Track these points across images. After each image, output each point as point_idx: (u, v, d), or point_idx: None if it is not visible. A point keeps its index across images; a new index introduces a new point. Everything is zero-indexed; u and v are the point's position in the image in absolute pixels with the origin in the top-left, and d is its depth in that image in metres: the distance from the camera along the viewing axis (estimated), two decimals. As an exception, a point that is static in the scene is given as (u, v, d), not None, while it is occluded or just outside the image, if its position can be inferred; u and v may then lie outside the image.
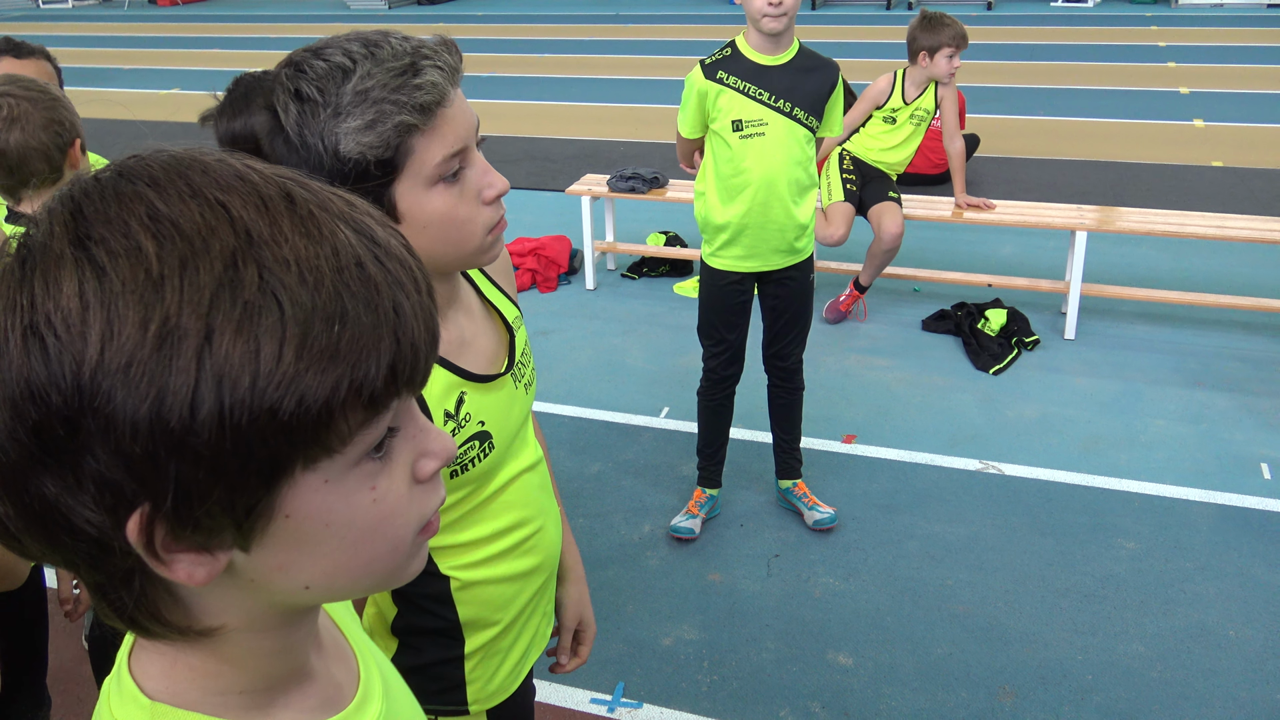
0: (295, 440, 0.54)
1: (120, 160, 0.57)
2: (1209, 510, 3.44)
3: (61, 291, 0.51)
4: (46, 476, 0.52)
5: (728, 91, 3.00)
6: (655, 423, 4.13)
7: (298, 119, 1.11)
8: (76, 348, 0.50)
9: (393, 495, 0.61)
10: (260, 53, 13.60)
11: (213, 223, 0.53)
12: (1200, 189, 6.55)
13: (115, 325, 0.50)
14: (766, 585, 3.17)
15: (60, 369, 0.50)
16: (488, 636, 1.42)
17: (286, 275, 0.53)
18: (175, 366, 0.50)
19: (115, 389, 0.50)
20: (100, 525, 0.53)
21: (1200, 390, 4.22)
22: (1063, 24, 13.15)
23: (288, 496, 0.56)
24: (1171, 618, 2.96)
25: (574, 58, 12.15)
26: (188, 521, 0.54)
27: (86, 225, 0.53)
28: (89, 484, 0.52)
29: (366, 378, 0.55)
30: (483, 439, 1.32)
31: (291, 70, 1.12)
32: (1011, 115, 8.51)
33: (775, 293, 3.22)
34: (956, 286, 5.12)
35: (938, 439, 3.93)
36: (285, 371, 0.52)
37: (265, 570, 0.59)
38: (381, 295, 0.56)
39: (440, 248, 1.20)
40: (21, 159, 1.98)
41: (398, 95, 1.09)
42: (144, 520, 0.53)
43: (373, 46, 1.10)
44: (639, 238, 5.85)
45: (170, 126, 9.07)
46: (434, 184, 1.16)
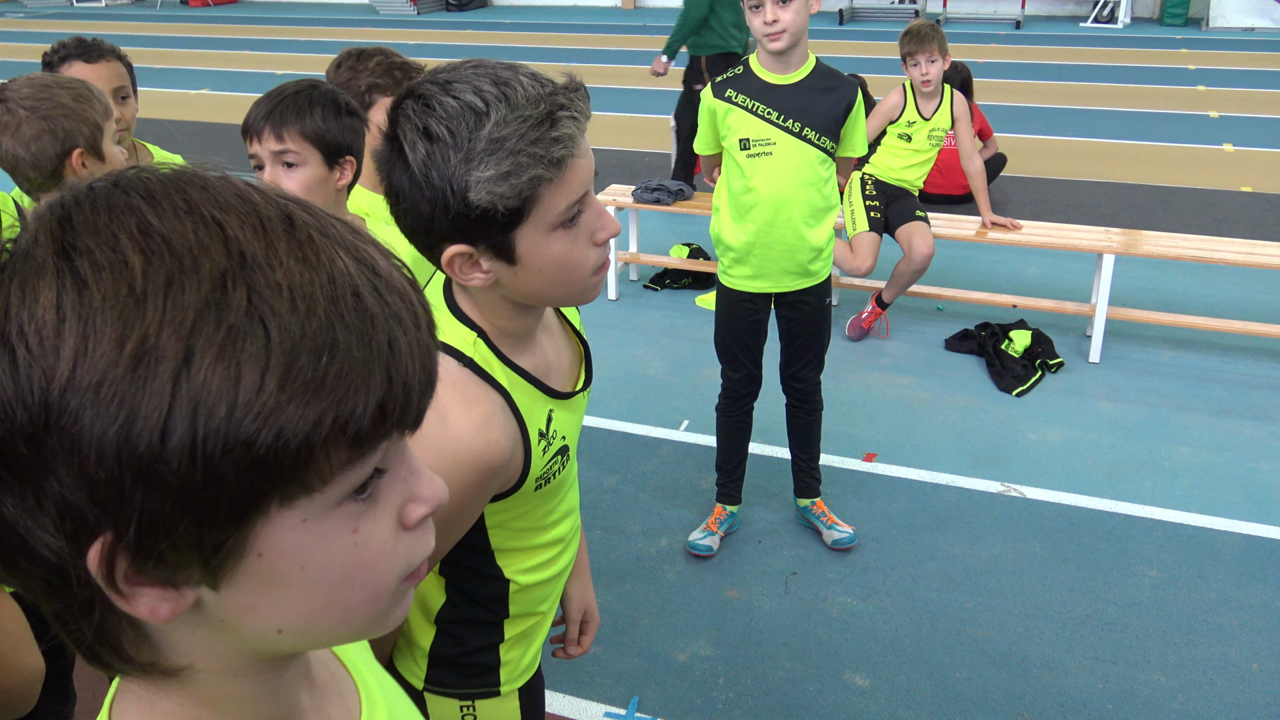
0: (271, 476, 0.51)
1: (119, 171, 0.55)
2: (1234, 540, 3.40)
3: (38, 302, 0.49)
4: (6, 495, 0.49)
5: (736, 110, 2.99)
6: (675, 436, 4.12)
7: (425, 159, 1.09)
8: (47, 362, 0.48)
9: (375, 540, 0.57)
10: (289, 55, 13.69)
11: (205, 241, 0.51)
12: (1229, 214, 6.50)
13: (90, 341, 0.48)
14: (783, 603, 3.15)
15: (29, 384, 0.48)
16: (525, 626, 1.48)
17: (277, 301, 0.50)
18: (149, 389, 0.48)
19: (84, 408, 0.47)
20: (60, 551, 0.50)
21: (1227, 418, 4.17)
22: (1092, 44, 13.09)
23: (261, 534, 0.53)
24: (1194, 649, 2.92)
25: (601, 67, 12.18)
26: (151, 554, 0.50)
27: (74, 235, 0.50)
28: (50, 507, 0.49)
29: (353, 415, 0.52)
30: (564, 453, 1.37)
31: (419, 105, 1.10)
32: (1039, 135, 8.48)
33: (790, 315, 3.20)
34: (981, 306, 5.09)
35: (959, 460, 3.91)
36: (265, 402, 0.49)
37: (234, 611, 0.56)
38: (376, 328, 0.53)
39: (549, 289, 1.22)
40: (12, 165, 1.97)
41: (534, 149, 1.08)
42: (105, 550, 0.50)
43: (504, 87, 1.08)
44: (662, 249, 5.85)
45: (198, 126, 9.15)
46: (554, 229, 1.16)
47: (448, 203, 1.10)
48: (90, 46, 2.64)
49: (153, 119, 9.18)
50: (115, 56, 2.69)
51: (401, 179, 1.12)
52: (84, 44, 2.64)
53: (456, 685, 1.45)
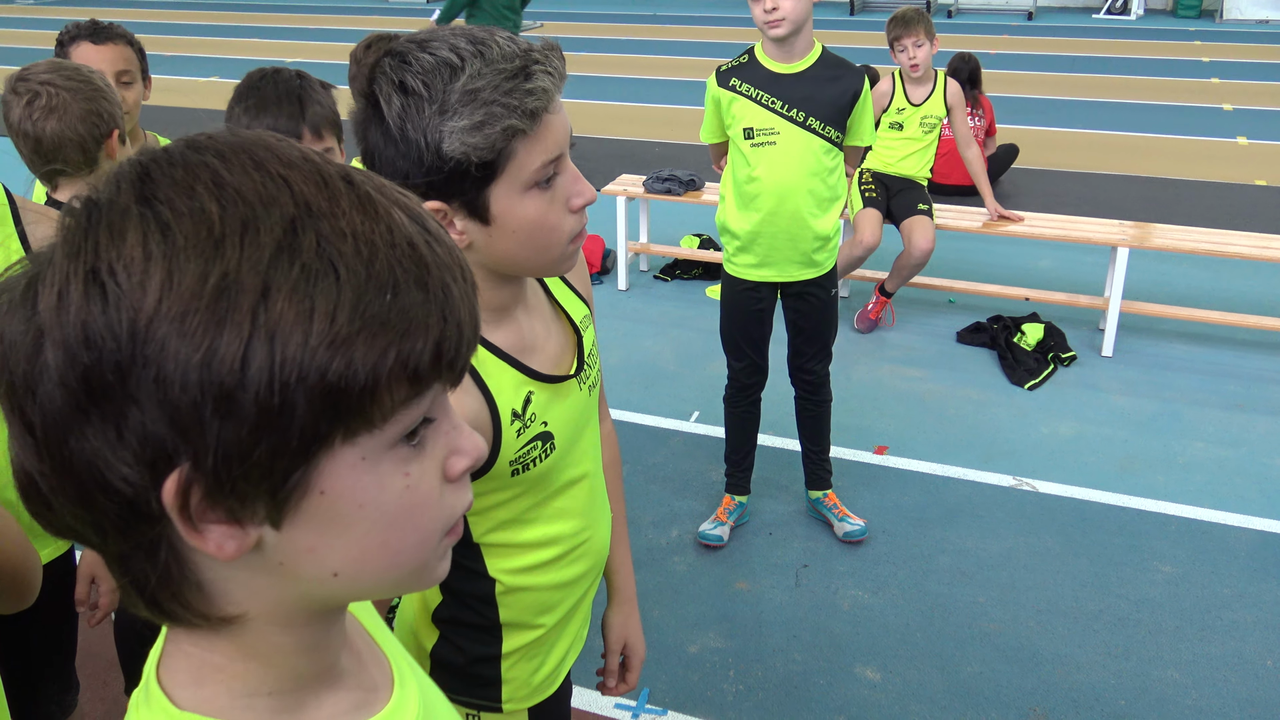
0: (339, 407, 0.54)
1: (189, 135, 0.59)
2: (1248, 536, 3.38)
3: (125, 242, 0.52)
4: (89, 427, 0.52)
5: (740, 99, 2.97)
6: (685, 427, 4.11)
7: (400, 111, 1.09)
8: (135, 296, 0.51)
9: (424, 485, 0.61)
10: (298, 43, 13.68)
11: (274, 192, 0.54)
12: (1242, 208, 6.46)
13: (175, 277, 0.51)
14: (794, 595, 3.14)
15: (118, 315, 0.51)
16: (527, 639, 1.41)
17: (343, 245, 0.54)
18: (230, 320, 0.51)
19: (170, 338, 0.51)
20: (136, 484, 0.53)
21: (1241, 413, 4.15)
22: (1105, 36, 13.02)
23: (325, 470, 0.56)
24: (1208, 644, 2.91)
25: (611, 57, 12.15)
26: (225, 484, 0.53)
27: (153, 186, 0.54)
28: (131, 437, 0.52)
29: (414, 351, 0.55)
30: (545, 440, 1.31)
31: (395, 61, 1.10)
32: (1051, 128, 8.43)
33: (795, 306, 3.18)
34: (993, 299, 5.07)
35: (971, 453, 3.89)
36: (338, 333, 0.53)
37: (294, 552, 0.58)
38: (432, 275, 0.57)
39: (524, 252, 1.19)
40: (56, 147, 1.98)
41: (508, 99, 1.08)
42: (181, 480, 0.53)
43: (480, 44, 1.09)
44: (673, 240, 5.83)
45: (206, 114, 9.13)
46: (529, 189, 1.15)
47: (422, 156, 1.09)
48: (99, 28, 2.64)
49: (161, 106, 9.17)
50: (125, 40, 2.68)
51: (377, 136, 1.12)
52: (94, 25, 2.65)
53: (459, 693, 1.41)
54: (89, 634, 2.24)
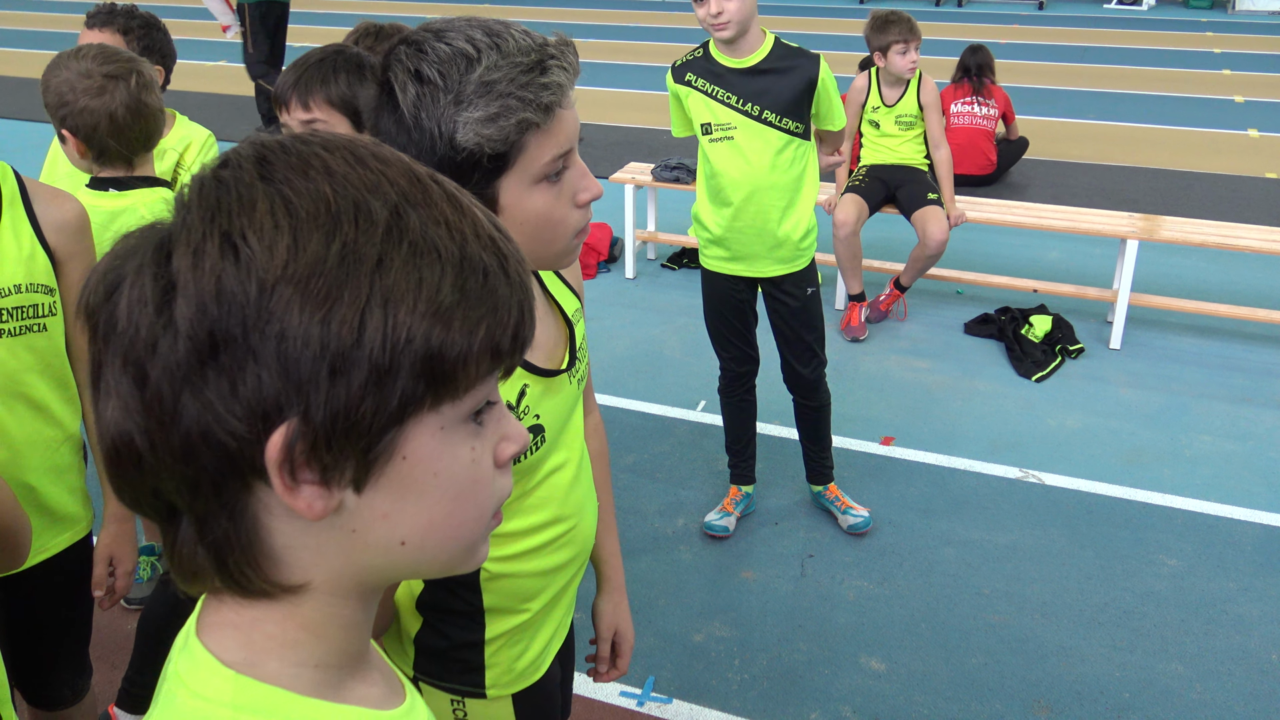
0: (435, 373, 0.59)
1: (293, 133, 0.66)
2: (1254, 530, 3.38)
3: (256, 211, 0.57)
4: (206, 380, 0.56)
5: (695, 94, 2.97)
6: (691, 416, 4.11)
7: (415, 100, 1.10)
8: (265, 259, 0.55)
9: (485, 462, 0.65)
10: (307, 28, 13.65)
11: (376, 181, 0.60)
12: (1253, 200, 6.44)
13: (301, 243, 0.56)
14: (800, 585, 3.14)
15: (249, 275, 0.55)
16: (510, 624, 1.42)
17: (439, 231, 0.59)
18: (350, 284, 0.56)
19: (294, 299, 0.55)
20: (243, 437, 0.56)
21: (1248, 406, 4.14)
22: (1116, 27, 12.96)
23: (411, 435, 0.60)
24: (1213, 638, 2.91)
25: (620, 44, 12.12)
26: (328, 440, 0.57)
27: (271, 168, 0.59)
28: (246, 390, 0.56)
29: (500, 329, 0.61)
30: (536, 432, 1.32)
31: (411, 50, 1.11)
32: (1061, 118, 8.40)
33: (773, 307, 3.17)
34: (1001, 290, 5.06)
35: (977, 445, 3.89)
36: (442, 304, 0.58)
37: (370, 517, 0.62)
38: (511, 265, 0.63)
39: (529, 244, 1.20)
40: (156, 121, 2.07)
41: (524, 92, 1.09)
42: (290, 434, 0.57)
43: (496, 37, 1.10)
44: (680, 228, 5.82)
45: (214, 99, 9.14)
46: (538, 182, 1.16)
47: (435, 144, 1.10)
48: (94, 13, 2.73)
49: (171, 90, 9.18)
50: (114, 28, 2.78)
51: (389, 123, 1.13)
52: (93, 10, 2.72)
53: (443, 678, 1.42)
54: (100, 619, 2.25)
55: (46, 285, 1.75)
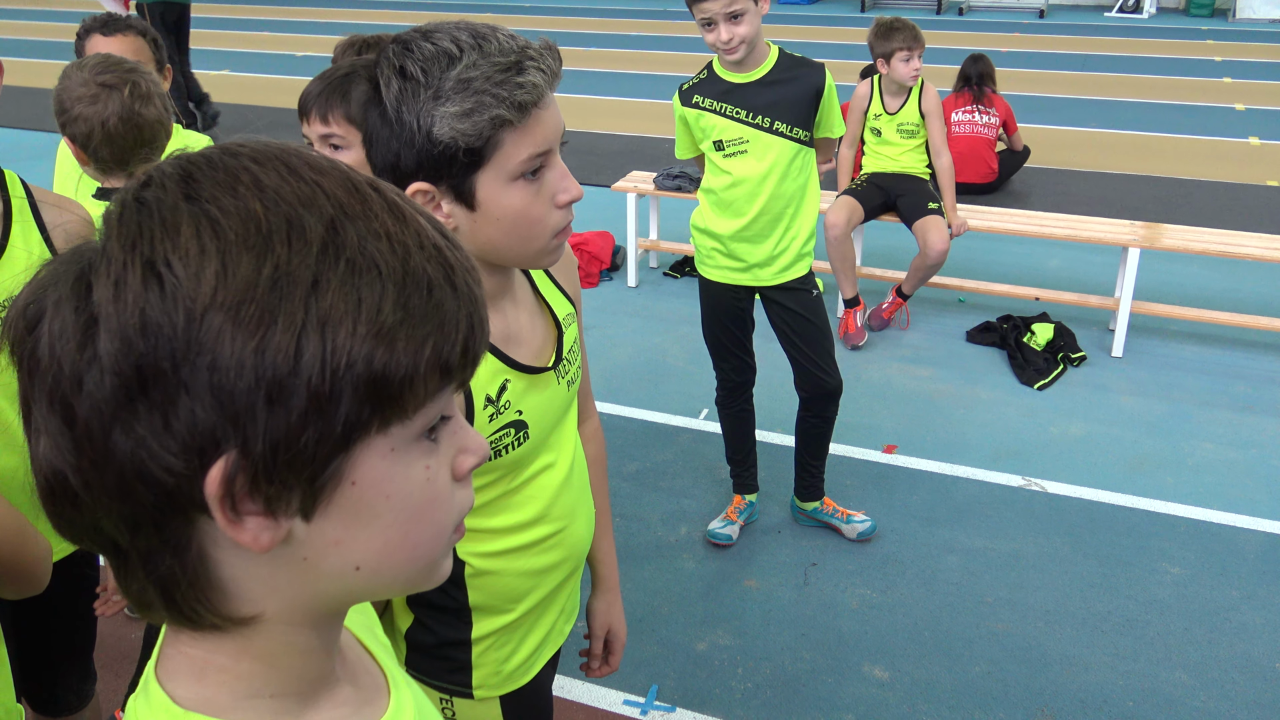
0: (381, 395, 0.56)
1: (222, 143, 0.61)
2: (1257, 538, 3.38)
3: (180, 235, 0.54)
4: (136, 417, 0.53)
5: (706, 114, 2.99)
6: (694, 424, 4.12)
7: (398, 95, 1.15)
8: (191, 286, 0.53)
9: (440, 479, 0.63)
10: (309, 36, 13.70)
11: (310, 194, 0.57)
12: (1254, 208, 6.44)
13: (230, 269, 0.53)
14: (803, 594, 3.15)
15: (175, 305, 0.53)
16: (497, 624, 1.43)
17: (380, 245, 0.57)
18: (284, 309, 0.53)
19: (225, 327, 0.53)
20: (179, 473, 0.54)
21: (1250, 414, 4.14)
22: (1117, 35, 12.98)
23: (359, 460, 0.58)
24: (1216, 647, 2.91)
25: (623, 52, 12.15)
26: (269, 472, 0.55)
27: (197, 186, 0.56)
28: (179, 425, 0.53)
29: (448, 345, 0.58)
30: (519, 428, 1.34)
31: (399, 48, 1.16)
32: (1062, 126, 8.41)
33: (781, 315, 3.17)
34: (1002, 299, 5.06)
35: (980, 453, 3.89)
36: (383, 324, 0.55)
37: (321, 545, 0.60)
38: (458, 276, 0.60)
39: (507, 241, 1.24)
40: (154, 132, 2.06)
41: (498, 90, 1.13)
42: (228, 468, 0.54)
43: (480, 39, 1.14)
44: (683, 236, 5.83)
45: (221, 107, 9.15)
46: (515, 179, 1.19)
47: (414, 138, 1.15)
48: (109, 21, 2.72)
49: (174, 99, 9.20)
50: (136, 31, 2.74)
51: (375, 117, 1.18)
52: (106, 19, 2.72)
53: (432, 676, 1.44)
54: (104, 627, 2.26)
55: None
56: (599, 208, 6.37)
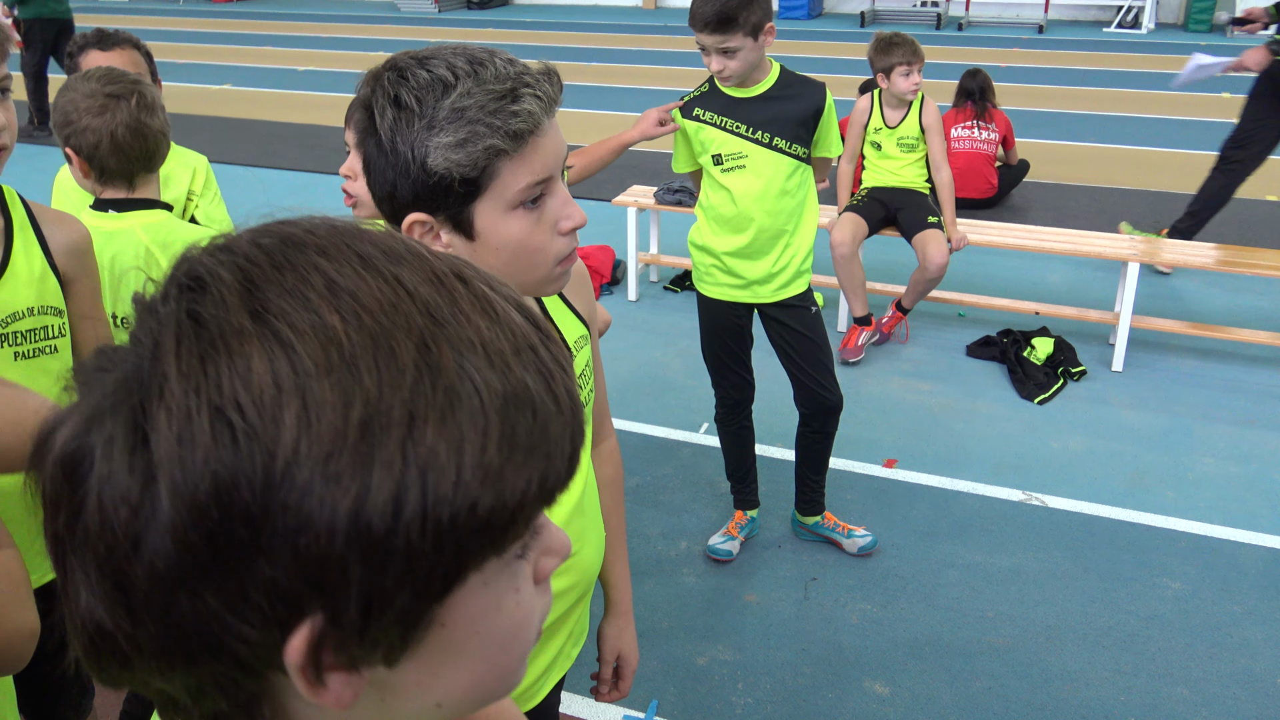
0: (485, 540, 0.49)
1: (271, 224, 0.52)
2: (1258, 554, 3.37)
3: (252, 371, 0.45)
4: (208, 589, 0.46)
5: (706, 127, 3.00)
6: (694, 438, 4.12)
7: (392, 125, 1.12)
8: (270, 435, 0.45)
9: (527, 596, 0.56)
10: (311, 51, 13.75)
11: (393, 299, 0.48)
12: (1255, 223, 6.45)
13: (313, 411, 0.45)
14: (803, 609, 3.14)
15: (250, 460, 0.44)
16: None
17: (475, 359, 0.48)
18: (379, 458, 0.45)
19: (313, 483, 0.45)
20: (255, 643, 0.47)
21: (1251, 429, 4.14)
22: (1115, 50, 13.02)
23: (453, 603, 0.51)
24: (1217, 662, 2.90)
25: (623, 67, 12.19)
26: (360, 635, 0.48)
27: (263, 297, 0.47)
28: (258, 594, 0.46)
29: (555, 473, 0.51)
30: None
31: (394, 75, 1.13)
32: (1062, 141, 8.43)
33: (780, 332, 3.17)
34: (1003, 313, 5.07)
35: (980, 467, 3.89)
36: (489, 464, 0.48)
37: (403, 687, 0.53)
38: (558, 385, 0.52)
39: (508, 271, 1.20)
40: (158, 144, 2.08)
41: (492, 119, 1.10)
42: (313, 636, 0.47)
43: (477, 65, 1.11)
44: (683, 251, 5.83)
45: (221, 122, 9.19)
46: (514, 208, 1.16)
47: (409, 168, 1.12)
48: (105, 35, 2.74)
49: (175, 113, 9.23)
50: (131, 45, 2.77)
51: (371, 147, 1.15)
52: (101, 33, 2.74)
53: None
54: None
55: (56, 307, 1.77)
56: (600, 222, 6.37)
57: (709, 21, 2.75)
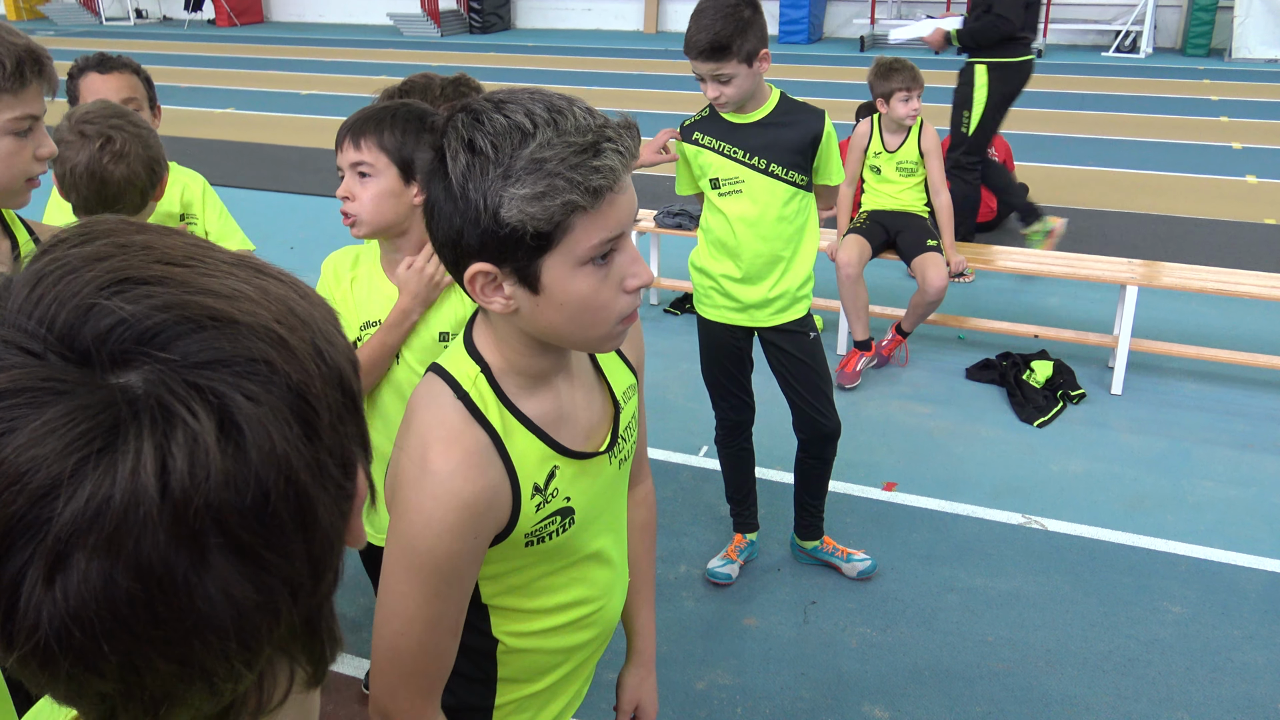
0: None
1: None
2: (1258, 577, 3.36)
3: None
4: None
5: (705, 151, 3.02)
6: (694, 461, 4.11)
7: (465, 170, 1.08)
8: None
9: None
10: (314, 75, 13.83)
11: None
12: (1252, 246, 6.47)
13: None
14: (803, 632, 3.13)
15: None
16: (521, 694, 1.41)
17: None
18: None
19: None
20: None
21: (1250, 452, 4.14)
22: (1114, 74, 13.09)
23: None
24: (1218, 687, 2.89)
25: (623, 91, 12.26)
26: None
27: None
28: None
29: None
30: (565, 514, 1.29)
31: (469, 118, 1.10)
32: (1061, 165, 8.47)
33: (777, 356, 3.17)
34: (1002, 336, 5.08)
35: (980, 490, 3.88)
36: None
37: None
38: None
39: (570, 327, 1.18)
40: (120, 191, 2.06)
41: (573, 174, 1.07)
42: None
43: (556, 113, 1.08)
44: (683, 274, 5.83)
45: (224, 145, 9.24)
46: (583, 264, 1.13)
47: (479, 217, 1.09)
48: (105, 59, 2.76)
49: (179, 137, 9.27)
50: (130, 70, 2.78)
51: (439, 189, 1.11)
52: (100, 57, 2.77)
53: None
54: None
55: None
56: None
57: (703, 50, 2.77)
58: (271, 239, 6.29)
